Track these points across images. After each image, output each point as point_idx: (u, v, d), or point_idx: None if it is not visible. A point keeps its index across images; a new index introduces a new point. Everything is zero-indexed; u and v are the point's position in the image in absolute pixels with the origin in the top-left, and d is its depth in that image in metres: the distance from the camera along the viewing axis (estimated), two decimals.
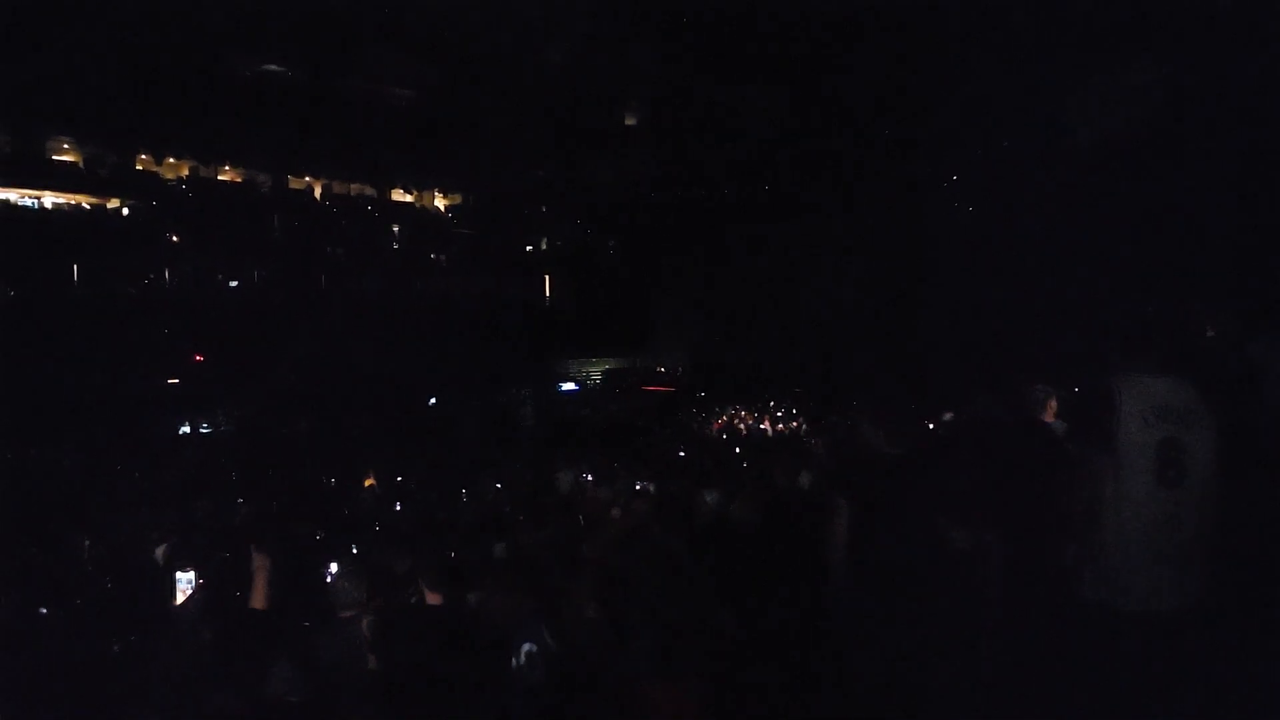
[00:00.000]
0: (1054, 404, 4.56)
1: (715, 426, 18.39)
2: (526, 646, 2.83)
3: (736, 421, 18.58)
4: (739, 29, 19.83)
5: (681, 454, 12.49)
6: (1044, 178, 18.89)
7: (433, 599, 3.47)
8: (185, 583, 4.16)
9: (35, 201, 19.57)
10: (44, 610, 4.82)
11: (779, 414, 18.90)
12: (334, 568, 5.62)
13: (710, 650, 3.06)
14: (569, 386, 26.85)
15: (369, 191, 26.95)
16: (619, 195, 27.93)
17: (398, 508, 8.81)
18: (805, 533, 4.13)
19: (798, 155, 24.33)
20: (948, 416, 9.19)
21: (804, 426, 16.61)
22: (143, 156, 21.29)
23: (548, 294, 30.55)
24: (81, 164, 20.27)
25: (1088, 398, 2.89)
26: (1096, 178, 16.65)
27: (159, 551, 4.88)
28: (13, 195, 19.17)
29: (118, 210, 20.83)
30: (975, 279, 19.39)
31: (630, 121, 26.74)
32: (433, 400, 21.57)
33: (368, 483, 11.09)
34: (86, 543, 6.74)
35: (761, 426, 17.53)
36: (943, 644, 2.88)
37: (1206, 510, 2.68)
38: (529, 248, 30.64)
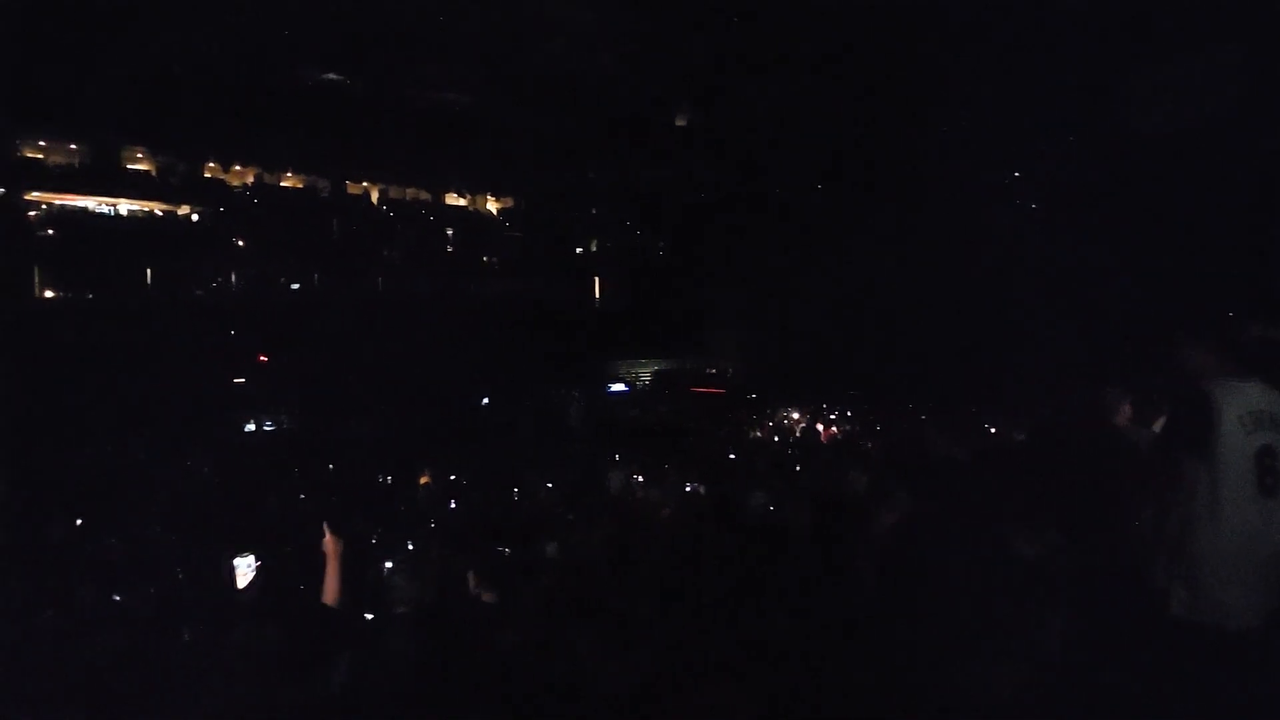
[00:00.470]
0: (1128, 409, 4.40)
1: (767, 429, 18.17)
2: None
3: (789, 423, 18.33)
4: (792, 25, 19.63)
5: (732, 456, 12.40)
6: (1107, 174, 18.29)
7: (487, 597, 3.55)
8: (246, 567, 4.26)
9: (111, 209, 20.51)
10: (117, 598, 5.08)
11: (833, 416, 18.61)
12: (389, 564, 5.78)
13: (764, 655, 3.04)
14: (618, 387, 26.93)
15: (423, 196, 27.54)
16: (670, 195, 27.94)
17: (452, 506, 8.97)
18: (862, 536, 4.04)
19: (853, 153, 23.97)
20: (1013, 420, 8.97)
21: (859, 429, 16.31)
22: (211, 165, 22.14)
23: (597, 295, 30.76)
24: (154, 173, 21.19)
25: (1182, 403, 2.77)
26: (1166, 174, 16.00)
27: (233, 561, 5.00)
28: (90, 203, 20.13)
29: (187, 216, 21.71)
30: (1039, 279, 18.84)
31: (681, 121, 26.72)
32: (485, 400, 21.88)
33: (423, 480, 11.32)
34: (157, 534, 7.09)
35: (816, 429, 17.23)
36: (1010, 657, 2.76)
37: None
38: (579, 249, 30.90)
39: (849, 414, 18.81)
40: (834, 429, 16.99)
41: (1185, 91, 14.15)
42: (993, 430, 9.47)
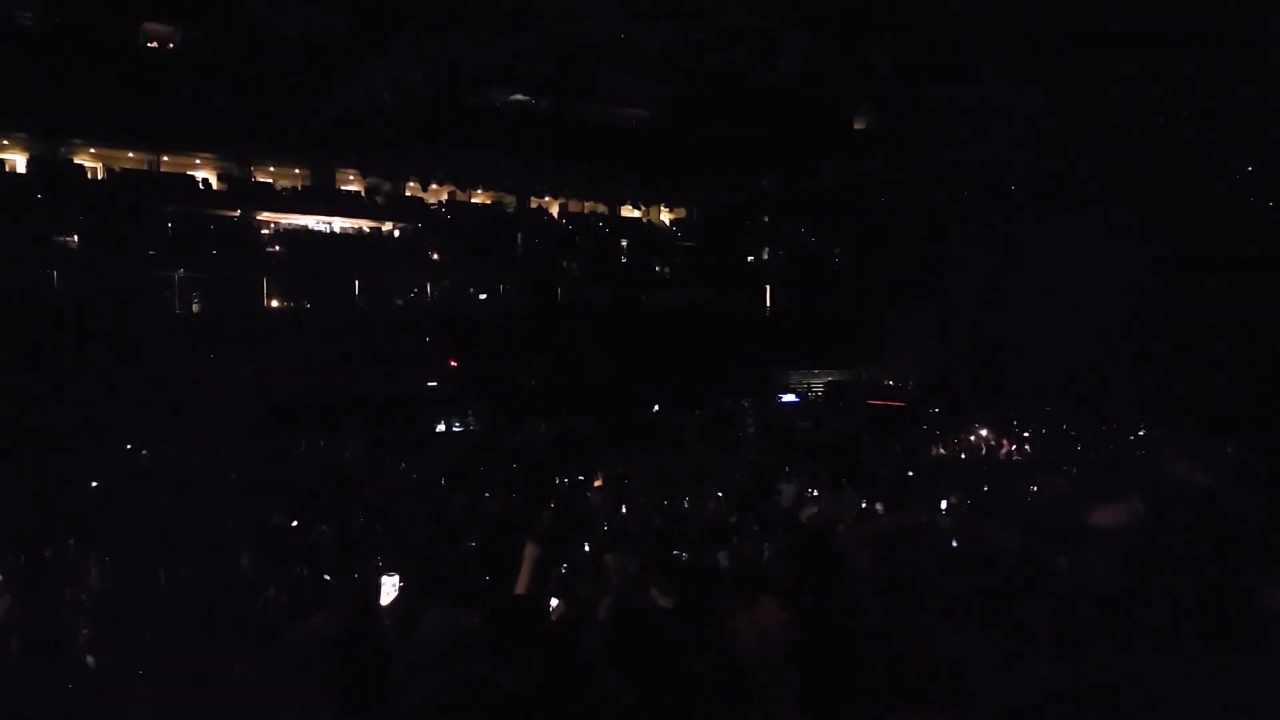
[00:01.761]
0: None
1: (951, 445, 17.05)
2: None
3: (974, 441, 17.11)
4: (977, 26, 18.46)
5: (910, 474, 11.75)
6: None
7: (664, 603, 3.50)
8: (391, 586, 4.37)
9: (327, 226, 22.85)
10: (327, 578, 5.52)
11: (1025, 435, 17.13)
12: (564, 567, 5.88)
13: (964, 683, 2.78)
14: (789, 398, 26.31)
15: (600, 209, 28.45)
16: (848, 201, 27.08)
17: (624, 510, 9.06)
18: (1068, 561, 3.55)
19: (1044, 155, 22.10)
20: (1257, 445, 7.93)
21: (1059, 448, 14.94)
22: (411, 184, 24.11)
23: (769, 303, 30.37)
24: (363, 192, 23.39)
25: None
26: None
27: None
28: (311, 221, 22.54)
29: (390, 232, 23.77)
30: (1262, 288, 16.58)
31: (860, 125, 25.86)
32: (656, 408, 22.15)
33: (597, 483, 11.56)
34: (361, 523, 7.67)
35: (1006, 446, 15.96)
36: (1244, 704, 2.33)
37: None
38: (750, 258, 30.67)
39: (1042, 431, 17.29)
40: (1025, 447, 15.71)
41: None
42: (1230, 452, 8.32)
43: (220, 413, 14.70)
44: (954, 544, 4.90)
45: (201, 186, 20.97)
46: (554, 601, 4.02)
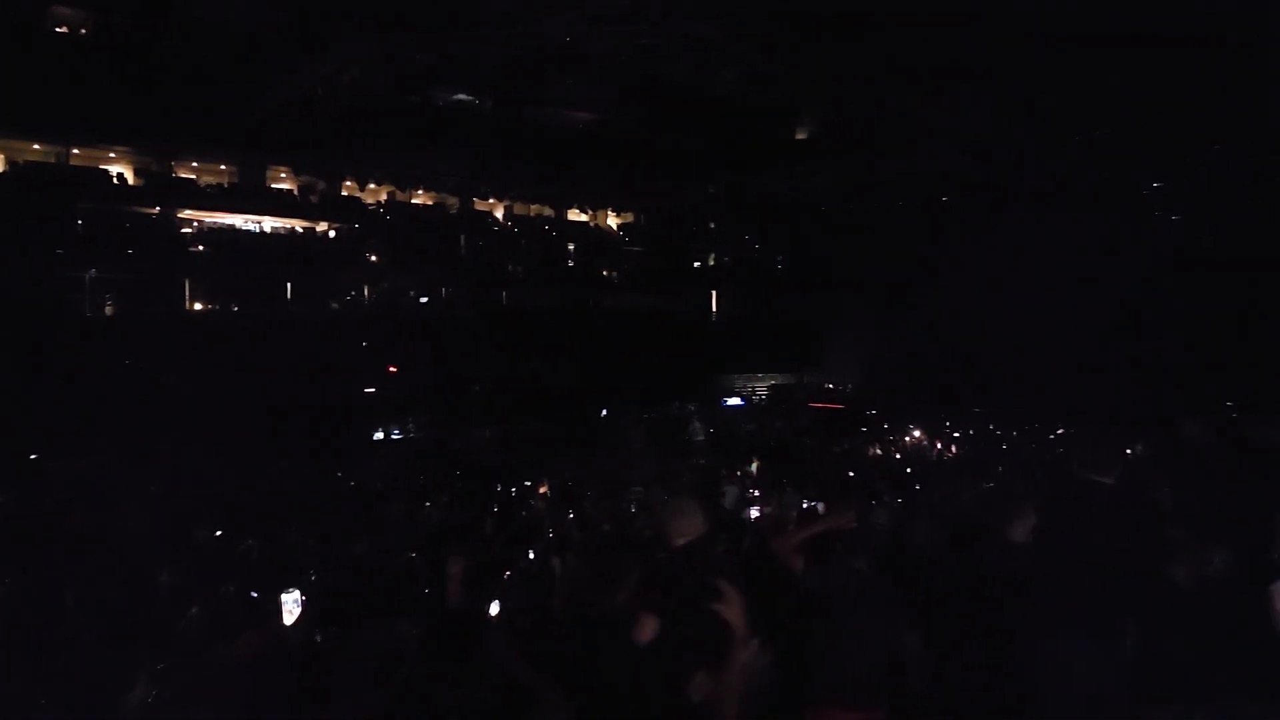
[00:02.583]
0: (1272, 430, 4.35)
1: (887, 446, 17.46)
2: None
3: (910, 441, 17.59)
4: (916, 34, 18.92)
5: (851, 474, 11.92)
6: (1254, 181, 16.86)
7: (606, 606, 3.37)
8: (292, 602, 4.22)
9: (256, 225, 22.02)
10: (255, 594, 5.21)
11: (956, 435, 17.70)
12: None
13: (899, 678, 2.80)
14: (734, 402, 26.57)
15: (547, 212, 28.18)
16: (789, 209, 27.45)
17: (570, 516, 8.90)
18: (990, 557, 3.89)
19: (979, 162, 22.78)
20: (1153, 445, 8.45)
21: (985, 449, 15.52)
22: (348, 183, 23.42)
23: (715, 309, 30.54)
24: (296, 191, 22.62)
25: None
26: None
27: None
28: (238, 220, 21.69)
29: (325, 233, 23.04)
30: (1180, 292, 17.54)
31: (802, 134, 26.23)
32: (604, 412, 22.02)
33: (542, 490, 11.36)
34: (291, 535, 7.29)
35: (937, 447, 16.56)
36: (1149, 676, 2.72)
37: None
38: (697, 263, 30.83)
39: (971, 433, 17.90)
40: (952, 448, 16.34)
41: None
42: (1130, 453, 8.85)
43: (137, 422, 13.91)
44: (887, 543, 5.07)
45: (116, 182, 19.85)
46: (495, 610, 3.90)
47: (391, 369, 21.11)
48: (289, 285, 21.55)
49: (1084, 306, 20.60)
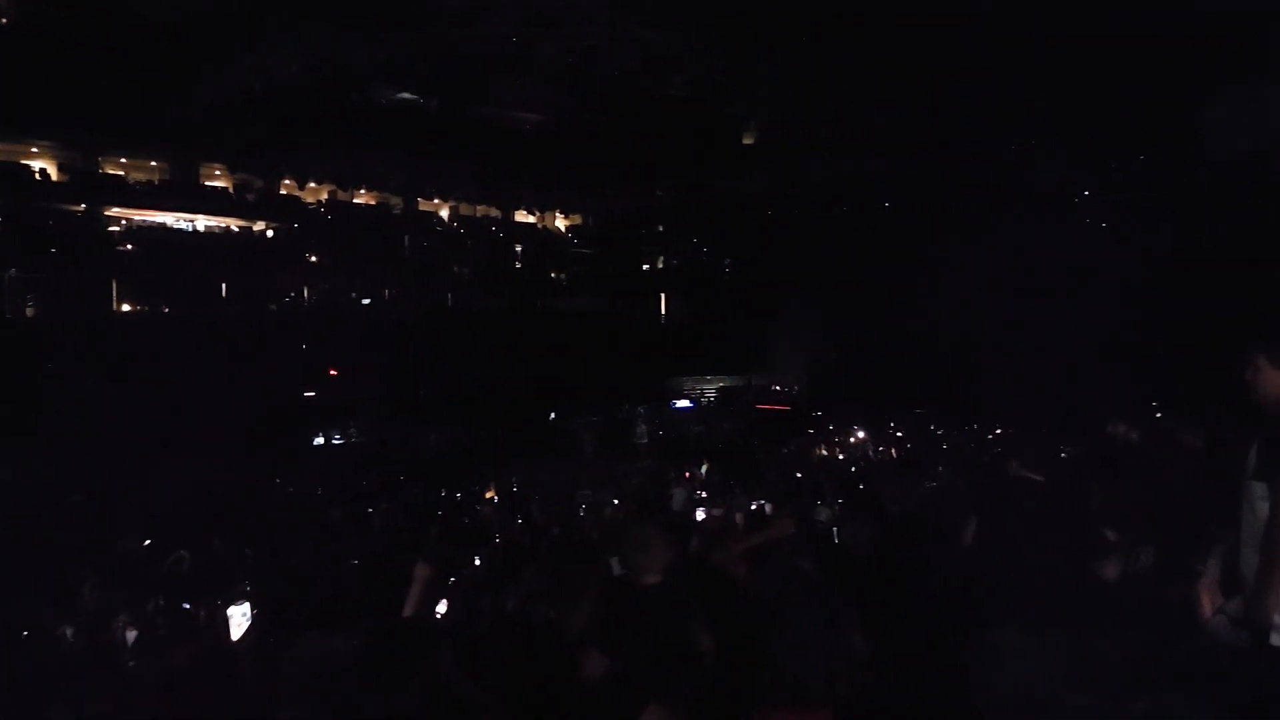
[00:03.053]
0: (1199, 430, 4.51)
1: (833, 447, 17.75)
2: None
3: (855, 442, 17.92)
4: (862, 43, 19.32)
5: (798, 475, 12.07)
6: (1172, 187, 17.79)
7: (553, 613, 3.33)
8: (240, 616, 4.12)
9: (190, 224, 21.25)
10: (187, 606, 5.01)
11: (899, 435, 18.15)
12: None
13: (839, 675, 2.83)
14: (683, 404, 26.69)
15: (493, 213, 27.89)
16: (737, 212, 27.72)
17: (518, 521, 8.78)
18: (929, 555, 4.04)
19: (924, 167, 23.37)
20: (1086, 442, 8.79)
21: (927, 448, 15.91)
22: (287, 182, 22.80)
23: (664, 311, 30.65)
24: (232, 189, 21.91)
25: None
26: (1233, 188, 15.62)
27: None
28: (170, 218, 20.89)
29: (263, 232, 22.37)
30: (1110, 297, 18.31)
31: (749, 139, 26.51)
32: (552, 415, 21.86)
33: (489, 495, 11.20)
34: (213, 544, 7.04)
35: (879, 448, 16.90)
36: (1080, 679, 2.57)
37: None
38: (645, 266, 30.89)
39: (915, 433, 18.38)
40: (894, 448, 16.70)
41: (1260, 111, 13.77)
42: (1064, 454, 9.24)
43: (61, 428, 13.28)
44: (830, 543, 5.17)
45: (39, 178, 19.00)
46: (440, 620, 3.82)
47: (332, 372, 20.60)
48: (224, 286, 20.86)
49: (1023, 309, 21.35)
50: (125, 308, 19.62)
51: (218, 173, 21.97)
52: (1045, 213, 22.02)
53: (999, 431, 15.74)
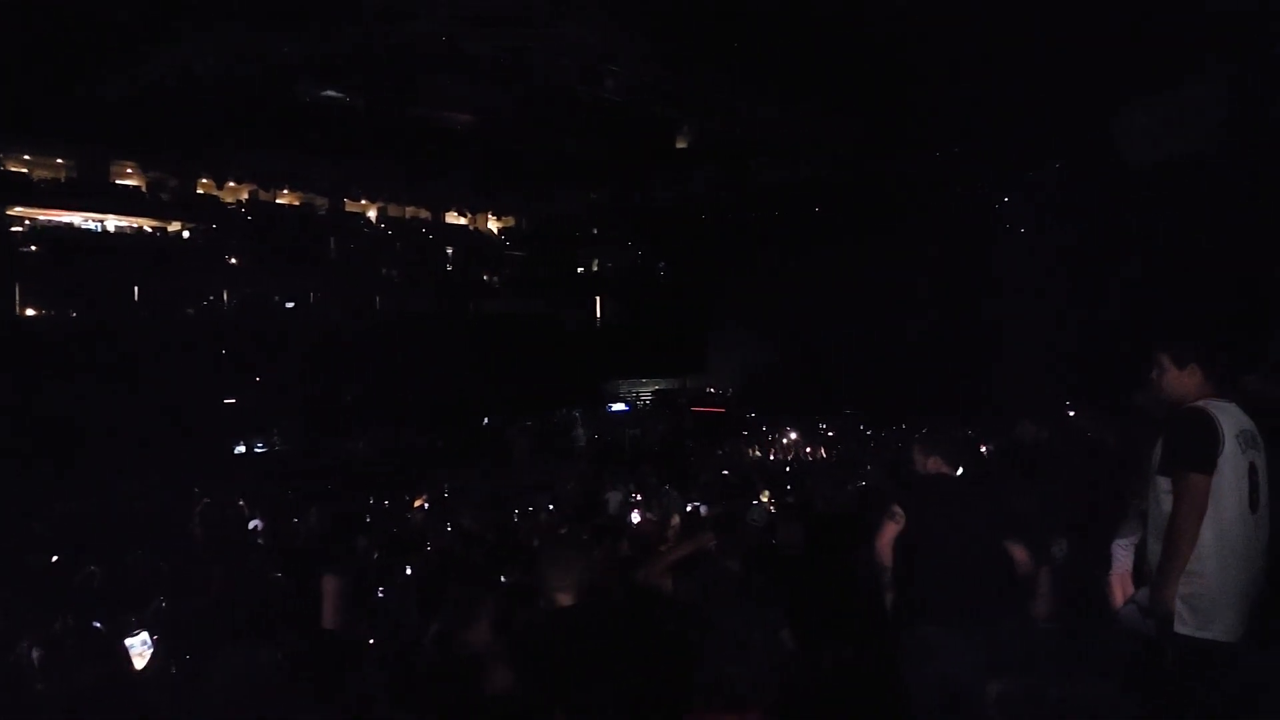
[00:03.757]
0: (1111, 426, 4.85)
1: (766, 448, 18.11)
2: None
3: (787, 443, 18.33)
4: (796, 51, 19.66)
5: (726, 474, 12.28)
6: (1095, 195, 18.80)
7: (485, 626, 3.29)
8: (140, 645, 4.02)
9: (99, 225, 20.24)
10: (98, 625, 4.77)
11: (830, 435, 18.56)
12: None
13: (771, 675, 2.92)
14: (619, 407, 26.76)
15: (423, 214, 27.39)
16: (671, 217, 27.92)
17: (448, 528, 8.64)
18: (853, 553, 4.21)
19: (856, 174, 23.99)
20: (1005, 438, 9.18)
21: (854, 449, 16.39)
22: (204, 181, 21.91)
23: (599, 315, 30.63)
24: (144, 188, 20.95)
25: (1187, 421, 2.81)
26: (1150, 199, 16.57)
27: None
28: (77, 218, 19.87)
29: (178, 233, 21.45)
30: (1030, 298, 19.16)
31: (683, 144, 26.72)
32: (485, 420, 21.62)
33: (418, 503, 11.00)
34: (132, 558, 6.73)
35: (807, 449, 17.35)
36: (1005, 669, 2.84)
37: (1271, 536, 2.77)
38: (580, 269, 30.82)
39: (845, 433, 18.88)
40: (823, 449, 17.17)
41: (1174, 120, 14.59)
42: (984, 450, 9.72)
43: None
44: (760, 542, 5.29)
45: None
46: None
47: (255, 378, 19.89)
48: (137, 289, 19.91)
49: (947, 311, 22.19)
50: (30, 312, 18.59)
51: (129, 171, 20.96)
52: (967, 218, 22.91)
53: (923, 430, 16.26)
